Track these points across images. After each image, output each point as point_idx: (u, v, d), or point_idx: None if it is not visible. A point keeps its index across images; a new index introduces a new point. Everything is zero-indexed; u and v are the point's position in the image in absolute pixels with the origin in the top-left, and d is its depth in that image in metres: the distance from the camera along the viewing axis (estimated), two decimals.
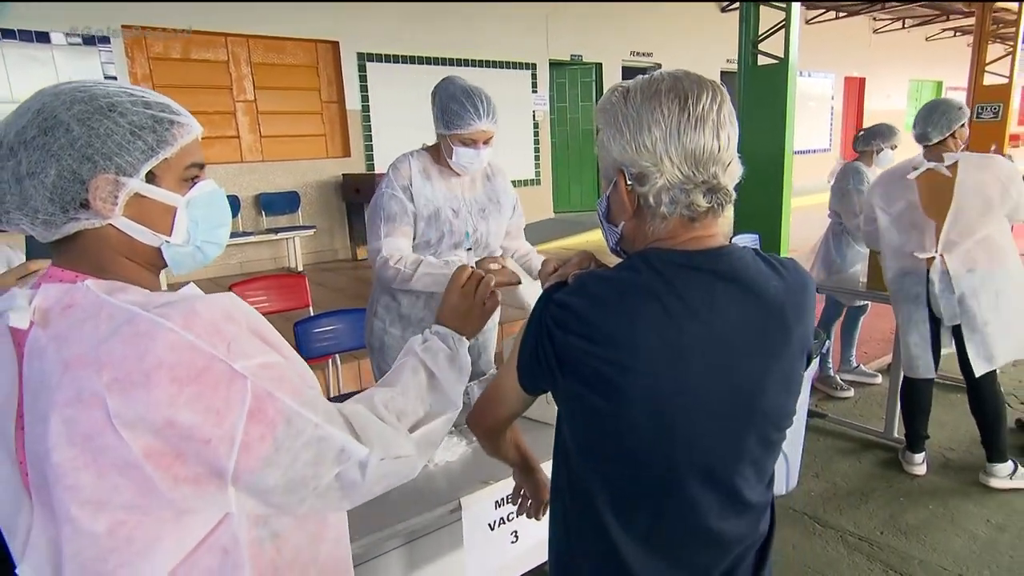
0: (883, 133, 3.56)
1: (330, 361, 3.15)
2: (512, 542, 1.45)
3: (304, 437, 0.74)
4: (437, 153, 2.03)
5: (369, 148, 7.16)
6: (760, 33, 5.16)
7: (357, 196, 6.67)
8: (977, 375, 2.65)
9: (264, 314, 3.40)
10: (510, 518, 1.47)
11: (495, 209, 2.11)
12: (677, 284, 0.79)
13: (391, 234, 1.96)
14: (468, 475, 1.47)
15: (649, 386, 0.79)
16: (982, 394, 2.73)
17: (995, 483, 2.75)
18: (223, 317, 0.72)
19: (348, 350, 2.79)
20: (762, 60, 5.13)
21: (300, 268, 6.33)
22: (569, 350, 0.81)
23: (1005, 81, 8.40)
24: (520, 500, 1.24)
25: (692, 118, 0.79)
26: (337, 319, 2.74)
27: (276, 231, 6.28)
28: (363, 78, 7.03)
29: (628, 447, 0.82)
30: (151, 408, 0.66)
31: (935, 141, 2.63)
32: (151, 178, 0.77)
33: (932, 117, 2.62)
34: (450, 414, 0.98)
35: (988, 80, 8.57)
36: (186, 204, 0.80)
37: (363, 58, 6.99)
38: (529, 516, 1.23)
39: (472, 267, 1.13)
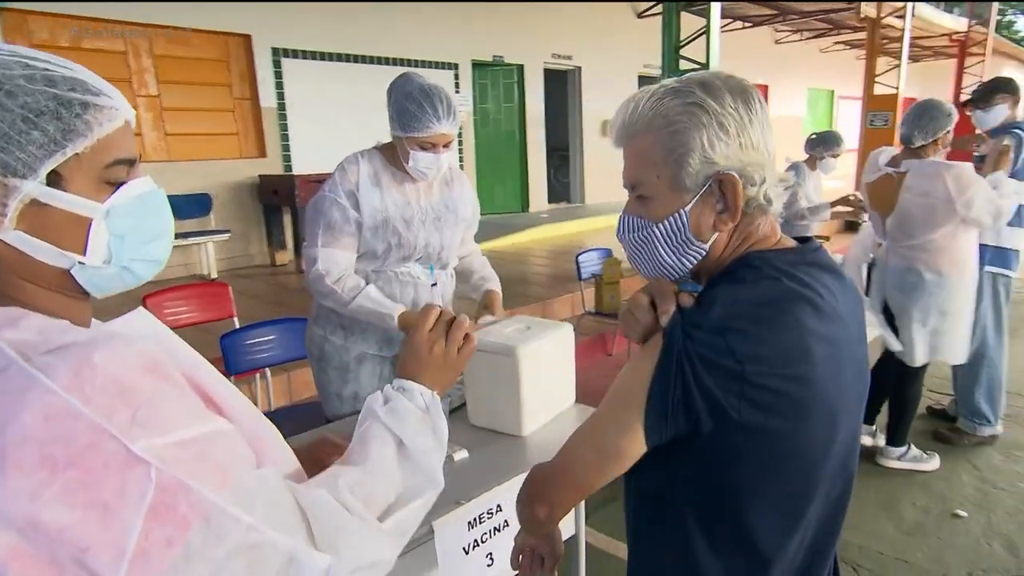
0: (825, 142, 3.93)
1: (258, 375, 2.94)
2: (488, 565, 1.37)
3: (230, 542, 0.57)
4: (392, 153, 1.89)
5: (287, 148, 6.83)
6: (682, 39, 5.31)
7: (275, 198, 6.35)
8: (894, 355, 2.84)
9: (183, 327, 3.09)
10: (484, 540, 1.38)
11: (451, 219, 1.98)
12: (810, 282, 0.76)
13: (329, 244, 1.83)
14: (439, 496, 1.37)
15: (825, 393, 0.76)
16: (903, 383, 2.90)
17: (887, 463, 2.97)
18: (137, 369, 0.56)
19: (280, 363, 2.61)
20: (684, 65, 5.29)
21: (214, 275, 5.94)
22: (743, 379, 0.71)
23: (893, 91, 9.10)
24: (527, 561, 1.07)
25: (767, 119, 0.79)
26: (268, 330, 2.55)
27: (186, 236, 5.85)
28: (278, 74, 6.69)
29: (799, 460, 0.78)
30: (9, 499, 0.49)
31: (917, 145, 2.67)
32: (55, 180, 0.59)
33: (920, 121, 2.65)
34: (429, 495, 0.79)
35: (878, 90, 9.26)
36: (105, 214, 0.62)
37: (278, 53, 6.65)
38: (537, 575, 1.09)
39: (440, 306, 0.95)
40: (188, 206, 6.10)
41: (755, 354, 0.71)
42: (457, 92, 8.41)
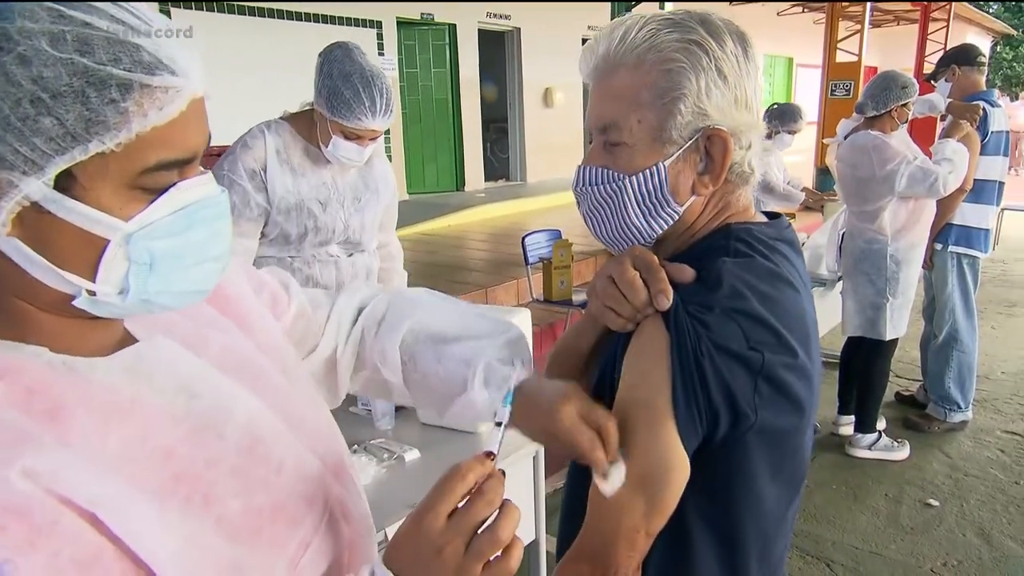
0: (781, 116, 4.06)
1: None
2: None
3: None
4: (304, 126, 1.87)
5: None
6: None
7: None
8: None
9: None
10: None
11: (372, 198, 2.01)
12: (786, 262, 0.78)
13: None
14: (390, 500, 1.38)
15: (812, 382, 0.76)
16: (868, 359, 3.13)
17: (857, 453, 3.18)
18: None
19: None
20: None
21: None
22: (760, 371, 0.69)
23: (855, 59, 9.56)
24: None
25: (760, 76, 0.78)
26: None
27: None
28: None
29: (793, 459, 0.78)
30: None
31: (869, 115, 2.90)
32: (67, 183, 0.48)
33: (873, 91, 2.89)
34: None
35: (840, 58, 9.70)
36: (125, 238, 0.51)
37: (166, 2, 6.38)
38: None
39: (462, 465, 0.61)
40: None
41: (768, 340, 0.70)
42: (381, 55, 8.29)
